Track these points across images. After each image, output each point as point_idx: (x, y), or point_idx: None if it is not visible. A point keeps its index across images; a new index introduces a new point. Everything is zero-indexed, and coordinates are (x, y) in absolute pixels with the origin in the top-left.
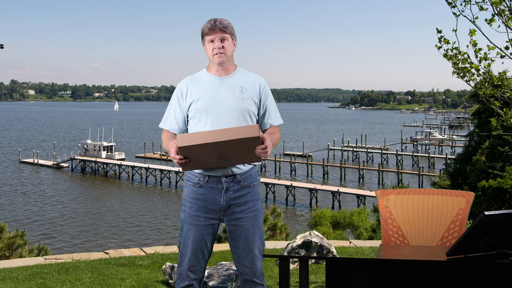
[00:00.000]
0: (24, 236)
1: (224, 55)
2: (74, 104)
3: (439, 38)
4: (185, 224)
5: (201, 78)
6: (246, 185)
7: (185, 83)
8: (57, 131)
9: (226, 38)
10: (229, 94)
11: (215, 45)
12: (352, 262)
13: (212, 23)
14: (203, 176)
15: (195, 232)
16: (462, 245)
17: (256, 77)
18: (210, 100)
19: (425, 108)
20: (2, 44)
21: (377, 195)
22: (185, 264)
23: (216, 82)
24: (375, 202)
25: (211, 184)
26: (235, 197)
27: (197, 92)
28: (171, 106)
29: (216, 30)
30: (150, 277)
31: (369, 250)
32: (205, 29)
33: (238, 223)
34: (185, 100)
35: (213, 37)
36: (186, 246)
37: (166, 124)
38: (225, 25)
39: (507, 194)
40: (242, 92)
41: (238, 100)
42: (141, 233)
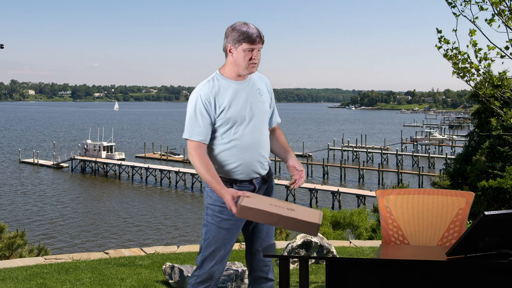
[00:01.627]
0: (24, 236)
1: (257, 65)
2: (74, 104)
3: (439, 38)
4: (214, 228)
5: (222, 83)
6: (269, 182)
7: (209, 89)
8: (57, 131)
9: (260, 49)
10: (255, 98)
11: (254, 55)
12: (352, 262)
13: (256, 33)
14: (235, 181)
15: (226, 236)
16: (462, 245)
17: (264, 78)
18: (241, 107)
19: (425, 108)
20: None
21: (377, 195)
22: (209, 268)
23: (240, 87)
24: (375, 202)
25: (242, 187)
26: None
27: (226, 99)
28: (197, 116)
29: (259, 42)
30: (150, 277)
31: (369, 250)
32: (244, 37)
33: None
34: (213, 107)
35: (255, 47)
36: (215, 250)
37: (196, 135)
38: (263, 36)
39: (507, 194)
40: (261, 95)
41: (261, 103)
42: (141, 233)
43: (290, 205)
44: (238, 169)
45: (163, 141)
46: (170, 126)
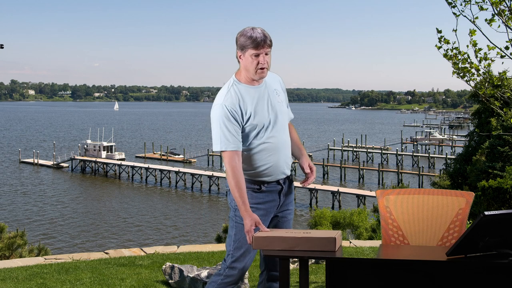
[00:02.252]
0: (24, 236)
1: (266, 69)
2: (74, 104)
3: (439, 38)
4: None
5: (242, 92)
6: (292, 181)
7: (232, 100)
8: (57, 131)
9: (269, 52)
10: (275, 100)
11: (261, 60)
12: (352, 262)
13: (262, 37)
14: (263, 182)
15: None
16: (462, 245)
17: (277, 77)
18: (265, 112)
19: (425, 108)
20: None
21: (377, 195)
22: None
23: (260, 91)
24: (375, 202)
25: (270, 188)
26: (288, 193)
27: (250, 105)
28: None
29: (265, 46)
30: (150, 277)
31: (369, 250)
32: (249, 42)
33: (284, 215)
34: (240, 116)
35: (260, 51)
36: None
37: (228, 145)
38: (270, 39)
39: (507, 194)
40: (278, 95)
41: (280, 104)
42: (141, 233)
43: (306, 231)
44: (267, 171)
45: (163, 141)
46: (170, 126)
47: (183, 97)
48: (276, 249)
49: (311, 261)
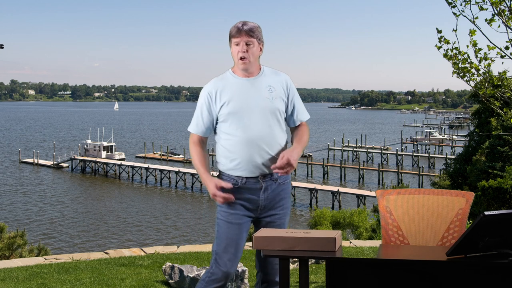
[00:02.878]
0: (24, 236)
1: (247, 60)
2: (74, 104)
3: (439, 38)
4: (223, 224)
5: (229, 80)
6: (282, 183)
7: (214, 86)
8: (57, 131)
9: (251, 43)
10: (259, 94)
11: (240, 49)
12: (352, 262)
13: (240, 26)
14: (241, 178)
15: (235, 231)
16: (462, 245)
17: (282, 75)
18: (241, 102)
19: (425, 108)
20: (2, 44)
21: (377, 195)
22: (224, 265)
23: (244, 83)
24: (375, 202)
25: (249, 184)
26: (273, 195)
27: (227, 94)
28: (199, 109)
29: (242, 33)
30: (150, 277)
31: (369, 250)
32: (232, 31)
33: (272, 220)
34: (215, 103)
35: (238, 40)
36: (226, 247)
37: (194, 128)
38: (252, 29)
39: (507, 194)
40: (271, 91)
41: (268, 100)
42: (141, 233)
43: (306, 231)
44: (240, 165)
45: (163, 141)
46: (170, 126)
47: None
48: (276, 249)
49: (311, 261)
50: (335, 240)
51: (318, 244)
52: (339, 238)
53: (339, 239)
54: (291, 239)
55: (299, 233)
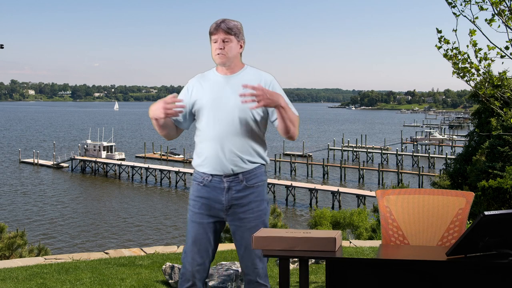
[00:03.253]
0: (24, 236)
1: (224, 56)
2: (74, 104)
3: (439, 38)
4: (189, 223)
5: (208, 77)
6: (250, 185)
7: (194, 80)
8: (57, 131)
9: (229, 40)
10: (232, 92)
11: (217, 46)
12: (352, 262)
13: (218, 23)
14: (207, 176)
15: (199, 230)
16: (462, 245)
17: (263, 74)
18: (212, 98)
19: (425, 108)
20: (2, 44)
21: (377, 196)
22: (188, 264)
23: (221, 80)
24: (375, 202)
25: (214, 183)
26: (237, 197)
27: (202, 90)
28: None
29: (219, 30)
30: (150, 277)
31: (369, 250)
32: (210, 28)
33: (240, 224)
34: (191, 96)
35: (216, 37)
36: (191, 245)
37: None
38: (230, 26)
39: (507, 194)
40: (246, 90)
41: (242, 98)
42: (141, 233)
43: (306, 231)
44: (205, 161)
45: (163, 141)
46: None
47: None
48: (276, 249)
49: (311, 261)
50: (335, 240)
51: (318, 244)
52: (339, 238)
53: (339, 239)
54: (291, 239)
55: (299, 233)
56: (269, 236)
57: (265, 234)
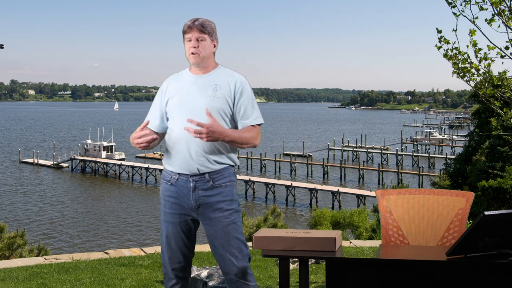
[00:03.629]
0: (24, 236)
1: (198, 55)
2: (74, 104)
3: (439, 38)
4: (162, 222)
5: (181, 76)
6: (218, 185)
7: (169, 81)
8: (57, 131)
9: (203, 38)
10: (202, 92)
11: (191, 44)
12: (352, 262)
13: (191, 22)
14: (175, 174)
15: (172, 230)
16: (462, 245)
17: (234, 75)
18: (183, 97)
19: (425, 108)
20: (2, 44)
21: (377, 196)
22: (167, 263)
23: (191, 80)
24: (375, 202)
25: (181, 182)
26: (204, 196)
27: (174, 89)
28: (153, 103)
29: (193, 29)
30: (150, 277)
31: (369, 250)
32: (184, 27)
33: (211, 223)
34: (164, 97)
35: (190, 36)
36: (166, 245)
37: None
38: (204, 25)
39: (507, 194)
40: (215, 90)
41: (209, 98)
42: (141, 233)
43: (306, 231)
44: (173, 160)
45: (163, 141)
46: None
47: None
48: (276, 249)
49: (311, 261)
50: (335, 240)
51: (318, 244)
52: (339, 238)
53: (339, 239)
54: (291, 239)
55: (299, 233)
56: (269, 236)
57: (265, 234)
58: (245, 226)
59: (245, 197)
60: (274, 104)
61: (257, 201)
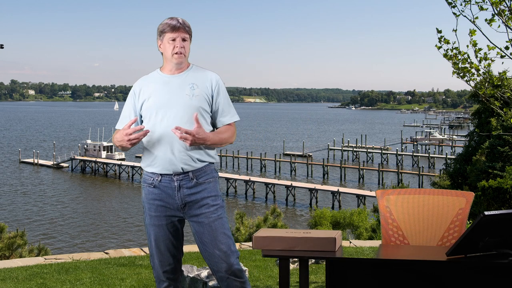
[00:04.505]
0: (24, 236)
1: (183, 55)
2: (74, 104)
3: (439, 38)
4: (148, 226)
5: (153, 77)
6: (201, 182)
7: (139, 83)
8: (57, 131)
9: (187, 39)
10: (180, 91)
11: (177, 44)
12: (352, 262)
13: (176, 22)
14: (157, 176)
15: (160, 233)
16: (462, 245)
17: (209, 74)
18: (160, 98)
19: (425, 108)
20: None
21: (377, 196)
22: (157, 266)
23: (167, 80)
24: (375, 202)
25: (164, 183)
26: (189, 194)
27: (149, 90)
28: (125, 107)
29: (180, 29)
30: (150, 277)
31: (369, 250)
32: (166, 27)
33: (199, 220)
34: (138, 99)
35: (175, 35)
36: (154, 248)
37: (119, 125)
38: (188, 26)
39: (507, 194)
40: (193, 89)
41: (188, 97)
42: (141, 233)
43: (306, 231)
44: (154, 161)
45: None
46: None
47: None
48: (276, 249)
49: (311, 261)
50: (335, 240)
51: (318, 244)
52: (339, 238)
53: (339, 239)
54: (291, 239)
55: (299, 233)
56: (269, 236)
57: (265, 234)
58: (245, 226)
59: (245, 197)
60: (274, 104)
61: (257, 201)
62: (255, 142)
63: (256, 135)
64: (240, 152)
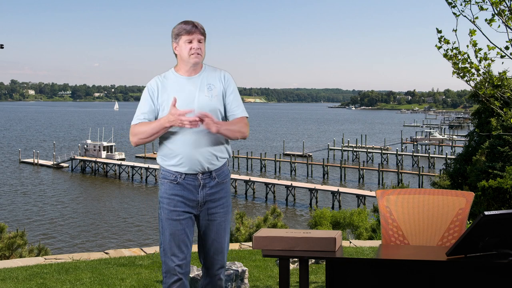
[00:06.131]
0: (24, 236)
1: (200, 56)
2: (74, 104)
3: (439, 38)
4: (165, 221)
5: (170, 78)
6: (220, 182)
7: (155, 82)
8: (57, 131)
9: (202, 41)
10: (199, 92)
11: (194, 46)
12: (352, 262)
13: (192, 25)
14: (180, 174)
15: (177, 227)
16: (462, 245)
17: (220, 72)
18: (183, 99)
19: (425, 108)
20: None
21: (377, 196)
22: (171, 260)
23: (185, 81)
24: (375, 202)
25: (188, 180)
26: (211, 193)
27: (167, 92)
28: (143, 102)
29: (196, 31)
30: (150, 277)
31: (369, 250)
32: (182, 30)
33: (212, 218)
34: (157, 98)
35: (192, 37)
36: (170, 242)
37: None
38: (203, 28)
39: (507, 194)
40: (210, 89)
41: (207, 98)
42: (141, 233)
43: (306, 231)
44: (180, 161)
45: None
46: None
47: None
48: (276, 249)
49: (311, 261)
50: (335, 240)
51: (318, 244)
52: (339, 238)
53: (339, 239)
54: (291, 239)
55: (299, 233)
56: (269, 236)
57: (265, 234)
58: (245, 226)
59: (245, 197)
60: (274, 104)
61: (257, 201)
62: (255, 142)
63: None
64: (240, 152)
